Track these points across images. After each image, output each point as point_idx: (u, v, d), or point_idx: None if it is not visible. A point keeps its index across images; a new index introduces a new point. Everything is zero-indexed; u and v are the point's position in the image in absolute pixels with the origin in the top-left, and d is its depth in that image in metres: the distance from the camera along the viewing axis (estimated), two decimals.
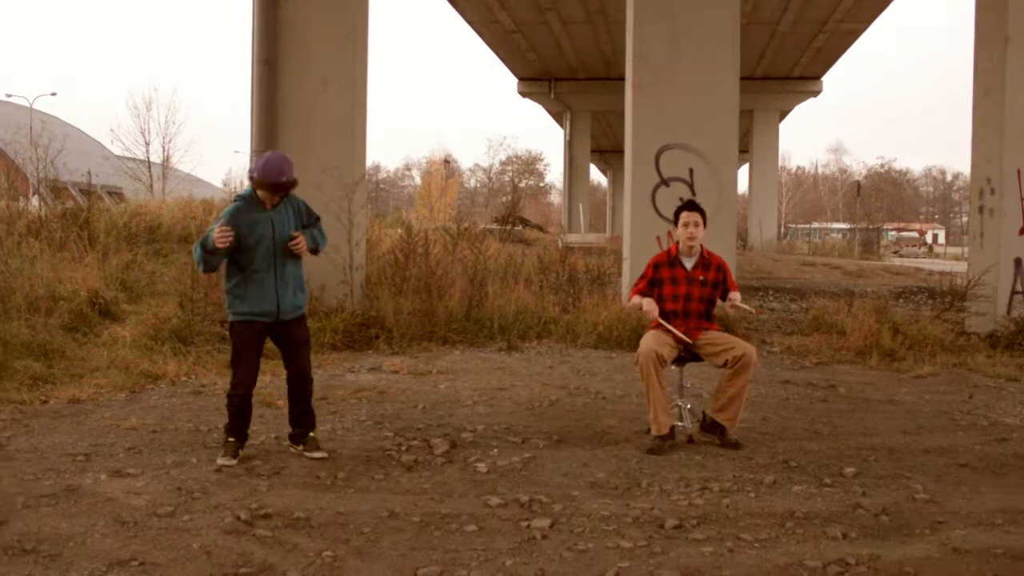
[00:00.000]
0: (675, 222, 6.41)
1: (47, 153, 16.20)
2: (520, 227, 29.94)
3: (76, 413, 6.86)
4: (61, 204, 14.74)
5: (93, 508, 4.66)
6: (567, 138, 37.22)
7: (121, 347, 8.91)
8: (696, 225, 6.27)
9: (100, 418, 6.67)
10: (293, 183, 5.64)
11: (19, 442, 5.98)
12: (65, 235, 12.14)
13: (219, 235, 5.39)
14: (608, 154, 55.49)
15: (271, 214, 5.64)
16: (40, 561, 3.96)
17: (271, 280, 5.60)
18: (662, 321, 6.18)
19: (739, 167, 22.39)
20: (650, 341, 6.09)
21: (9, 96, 49.24)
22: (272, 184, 5.55)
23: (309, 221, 5.89)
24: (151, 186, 35.06)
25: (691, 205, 6.37)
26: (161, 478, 5.21)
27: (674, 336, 6.15)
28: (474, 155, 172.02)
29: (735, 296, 6.24)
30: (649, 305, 6.20)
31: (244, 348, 5.65)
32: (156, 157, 39.69)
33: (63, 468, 5.39)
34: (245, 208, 5.63)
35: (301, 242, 5.65)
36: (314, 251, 5.89)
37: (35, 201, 14.67)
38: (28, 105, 45.53)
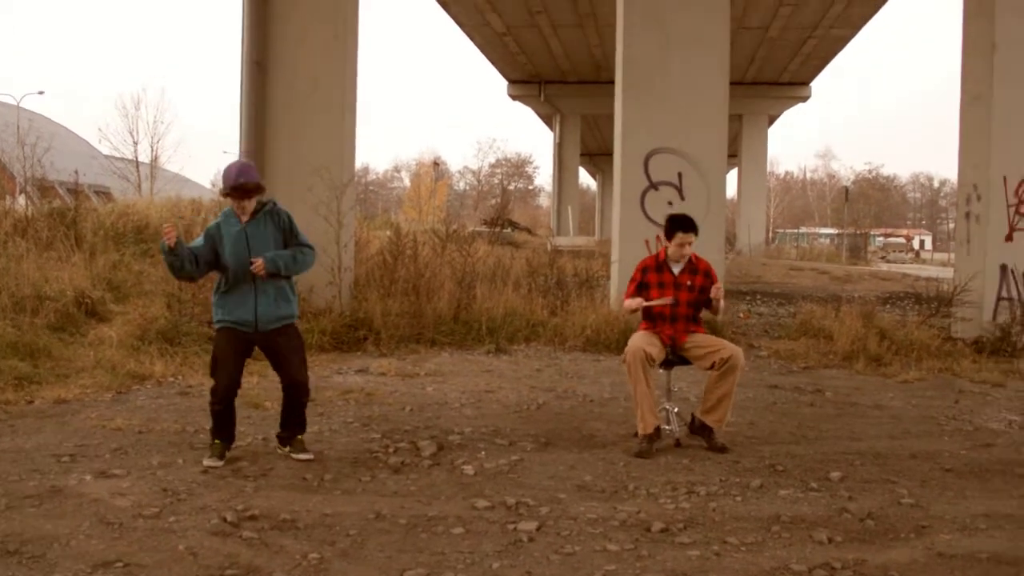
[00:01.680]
0: (667, 234, 6.36)
1: (34, 152, 16.11)
2: (509, 229, 29.99)
3: (62, 413, 6.82)
4: (48, 203, 14.64)
5: (78, 509, 4.64)
6: (556, 141, 37.23)
7: (107, 347, 8.87)
8: (690, 244, 6.29)
9: (86, 418, 6.64)
10: (255, 186, 5.61)
11: (3, 442, 5.95)
12: (52, 234, 12.07)
13: (164, 231, 5.53)
14: (597, 157, 55.53)
15: (245, 227, 5.63)
16: (24, 562, 3.94)
17: (249, 290, 5.57)
18: (645, 302, 6.20)
19: (728, 171, 22.45)
20: (638, 340, 6.10)
21: None
22: (231, 188, 5.58)
23: (292, 238, 5.73)
24: (139, 186, 34.91)
25: (688, 225, 6.29)
26: (147, 479, 5.19)
27: (656, 308, 6.17)
28: (463, 157, 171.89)
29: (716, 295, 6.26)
30: (636, 302, 6.23)
31: (222, 357, 5.62)
32: (144, 157, 39.56)
33: (48, 469, 5.36)
34: (224, 222, 5.70)
35: (259, 266, 5.51)
36: (279, 275, 5.61)
37: (22, 200, 14.58)
38: (15, 103, 45.34)
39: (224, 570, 3.91)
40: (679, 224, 6.33)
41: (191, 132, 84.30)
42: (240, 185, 5.57)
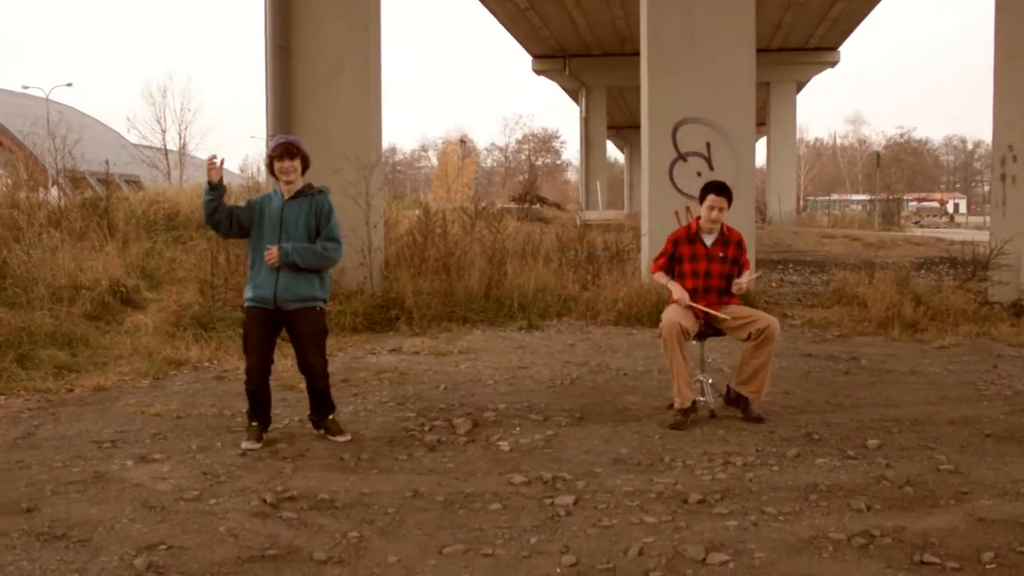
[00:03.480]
0: (700, 200, 6.32)
1: (64, 143, 16.21)
2: (538, 205, 29.92)
3: (101, 400, 6.92)
4: (80, 194, 14.77)
5: (121, 494, 4.71)
6: (583, 115, 37.09)
7: (143, 334, 8.98)
8: (721, 210, 6.19)
9: (125, 405, 6.73)
10: (299, 149, 5.67)
11: (46, 430, 6.04)
12: (85, 224, 12.20)
13: (209, 163, 5.54)
14: (624, 130, 55.24)
15: (285, 204, 5.66)
16: (71, 546, 4.01)
17: (273, 268, 5.60)
18: (695, 305, 6.13)
19: (757, 140, 22.21)
20: (673, 314, 6.06)
21: (26, 88, 49.52)
22: (276, 145, 5.67)
23: (321, 228, 5.69)
24: (168, 174, 35.22)
25: (720, 189, 6.22)
26: (187, 463, 5.26)
27: (703, 312, 6.12)
28: (490, 134, 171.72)
29: (741, 281, 6.20)
30: (679, 293, 6.13)
31: (251, 335, 5.67)
32: (172, 145, 39.90)
33: (90, 455, 5.44)
34: (270, 194, 5.78)
35: (272, 255, 5.50)
36: (297, 267, 5.57)
37: (54, 191, 14.72)
38: (44, 96, 45.76)
39: (265, 551, 3.96)
40: (711, 187, 6.27)
41: (218, 119, 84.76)
42: (285, 143, 5.64)
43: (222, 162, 5.56)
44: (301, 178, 5.74)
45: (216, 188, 5.58)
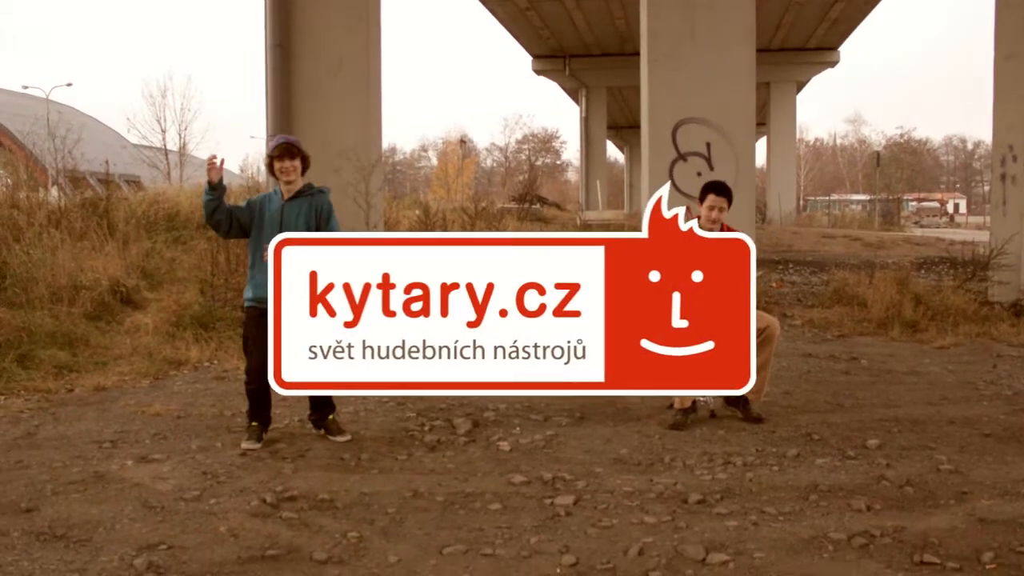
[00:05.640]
0: (700, 199, 6.29)
1: (64, 143, 16.18)
2: (538, 205, 29.93)
3: (101, 400, 6.92)
4: (80, 194, 14.75)
5: (121, 494, 4.72)
6: (583, 115, 37.05)
7: (143, 334, 8.97)
8: (721, 210, 6.13)
9: (125, 405, 6.74)
10: (299, 149, 5.70)
11: (46, 430, 6.05)
12: (85, 224, 12.18)
13: (209, 162, 5.57)
14: (625, 130, 55.17)
15: (284, 205, 5.68)
16: (71, 546, 4.01)
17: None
18: None
19: (757, 140, 22.22)
20: None
21: (25, 88, 49.43)
22: (276, 145, 5.69)
23: (322, 228, 5.71)
24: (168, 174, 35.19)
25: (720, 189, 6.13)
26: (187, 463, 5.26)
27: None
28: (490, 134, 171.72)
29: None
30: None
31: (251, 336, 5.66)
32: (173, 145, 39.86)
33: (90, 455, 5.45)
34: (268, 197, 5.79)
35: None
36: None
37: (54, 191, 14.71)
38: (44, 96, 45.73)
39: (265, 550, 3.96)
40: (711, 187, 6.19)
41: (218, 119, 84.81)
42: (285, 143, 5.69)
43: (222, 162, 5.59)
44: (301, 178, 5.75)
45: (216, 188, 5.61)
